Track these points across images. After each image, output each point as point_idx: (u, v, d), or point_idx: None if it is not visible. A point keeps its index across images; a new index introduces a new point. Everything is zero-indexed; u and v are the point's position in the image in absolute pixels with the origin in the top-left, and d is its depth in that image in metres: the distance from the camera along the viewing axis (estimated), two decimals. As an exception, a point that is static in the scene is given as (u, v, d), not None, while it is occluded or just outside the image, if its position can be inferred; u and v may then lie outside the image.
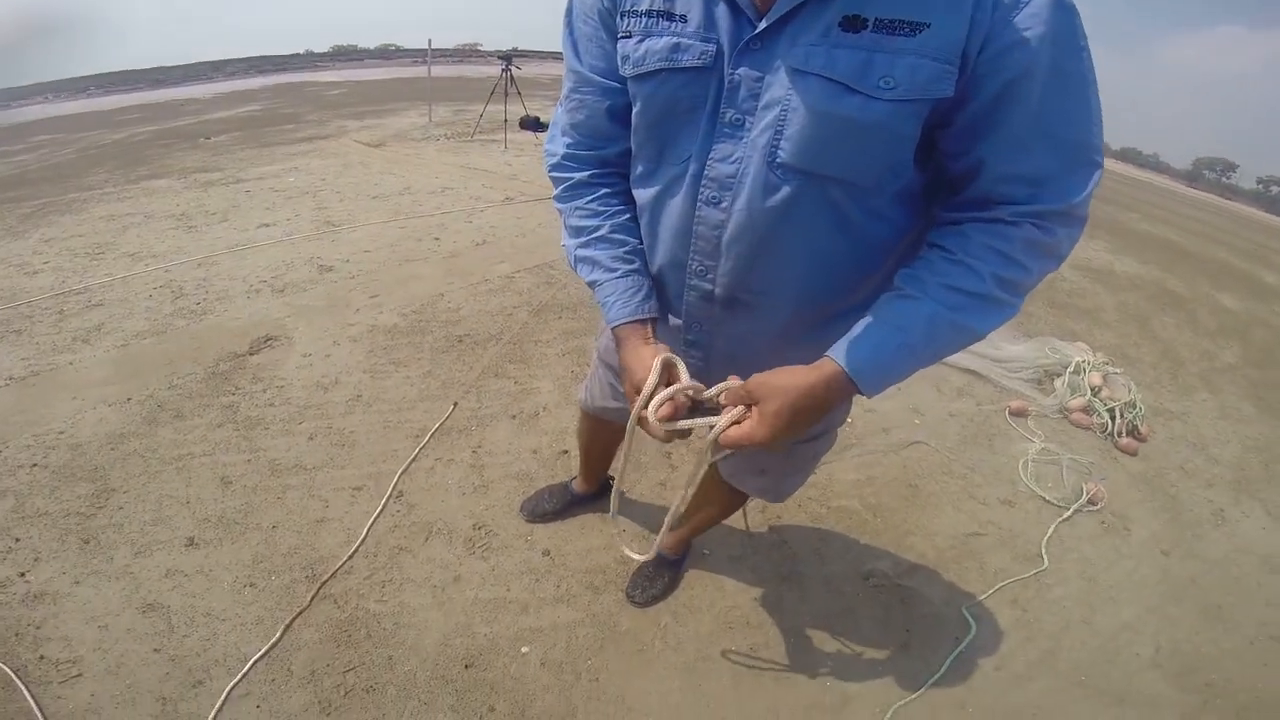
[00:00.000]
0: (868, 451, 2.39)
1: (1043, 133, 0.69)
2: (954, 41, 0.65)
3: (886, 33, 0.66)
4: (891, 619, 1.74)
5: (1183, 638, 1.81)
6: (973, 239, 0.73)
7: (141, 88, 18.21)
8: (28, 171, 6.48)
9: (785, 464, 1.24)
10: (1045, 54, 0.65)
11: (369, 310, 2.99)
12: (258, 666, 1.44)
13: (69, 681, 1.39)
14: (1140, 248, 6.79)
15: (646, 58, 0.79)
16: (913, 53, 0.66)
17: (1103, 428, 2.74)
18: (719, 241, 0.84)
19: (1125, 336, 3.99)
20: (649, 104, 0.83)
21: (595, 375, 1.39)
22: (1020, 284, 0.74)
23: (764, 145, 0.75)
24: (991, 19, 0.64)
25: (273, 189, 4.88)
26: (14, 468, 1.96)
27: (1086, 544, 2.11)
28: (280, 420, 2.22)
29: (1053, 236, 0.72)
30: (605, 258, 0.93)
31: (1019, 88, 0.67)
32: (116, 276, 3.24)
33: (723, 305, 0.91)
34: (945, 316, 0.73)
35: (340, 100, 11.44)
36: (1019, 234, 0.72)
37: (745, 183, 0.78)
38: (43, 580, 1.61)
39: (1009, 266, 0.72)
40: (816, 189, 0.76)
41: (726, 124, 0.77)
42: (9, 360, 2.49)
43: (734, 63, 0.74)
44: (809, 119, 0.71)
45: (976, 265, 0.72)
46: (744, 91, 0.75)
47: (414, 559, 1.74)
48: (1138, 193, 14.14)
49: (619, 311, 0.91)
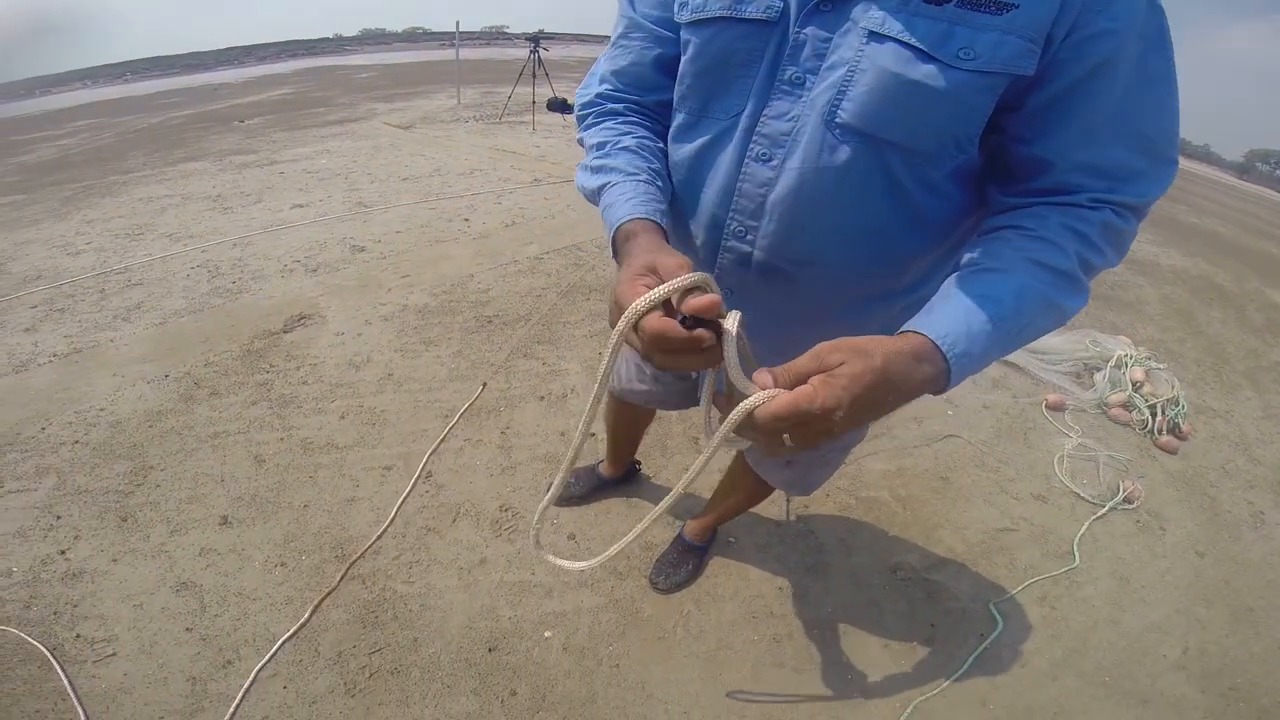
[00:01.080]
0: (898, 442, 2.35)
1: (1125, 126, 0.67)
2: (1042, 21, 0.63)
3: (971, 8, 0.64)
4: (917, 613, 1.72)
5: (1211, 640, 1.76)
6: (1050, 219, 0.69)
7: (176, 72, 18.55)
8: (69, 155, 6.65)
9: (813, 456, 1.20)
10: (1133, 47, 0.64)
11: (400, 290, 3.02)
12: (286, 647, 1.47)
13: (103, 661, 1.43)
14: (1186, 240, 6.55)
15: (707, 4, 0.77)
16: (998, 29, 0.63)
17: (1142, 424, 2.65)
18: (764, 200, 0.80)
19: (1169, 331, 3.85)
20: (702, 51, 0.80)
21: (622, 358, 1.37)
22: (1096, 269, 0.70)
23: (824, 104, 0.72)
24: (1082, 3, 0.62)
25: (306, 171, 4.95)
26: (56, 444, 2.02)
27: (1120, 542, 2.06)
28: (313, 399, 2.26)
29: (1129, 225, 0.70)
30: (624, 163, 0.84)
31: (1103, 77, 0.65)
32: (155, 256, 3.32)
33: (760, 271, 0.86)
34: (1036, 290, 0.65)
35: (370, 83, 11.52)
36: (1098, 218, 0.68)
37: (800, 141, 0.75)
38: (82, 558, 1.66)
39: (1089, 249, 0.68)
40: (874, 153, 0.72)
41: (786, 81, 0.74)
42: (53, 338, 2.56)
43: (801, 21, 0.72)
44: (878, 80, 0.68)
45: (1061, 243, 0.67)
46: (808, 50, 0.72)
47: (441, 540, 1.76)
48: (1186, 184, 13.61)
49: (630, 208, 0.77)
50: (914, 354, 0.59)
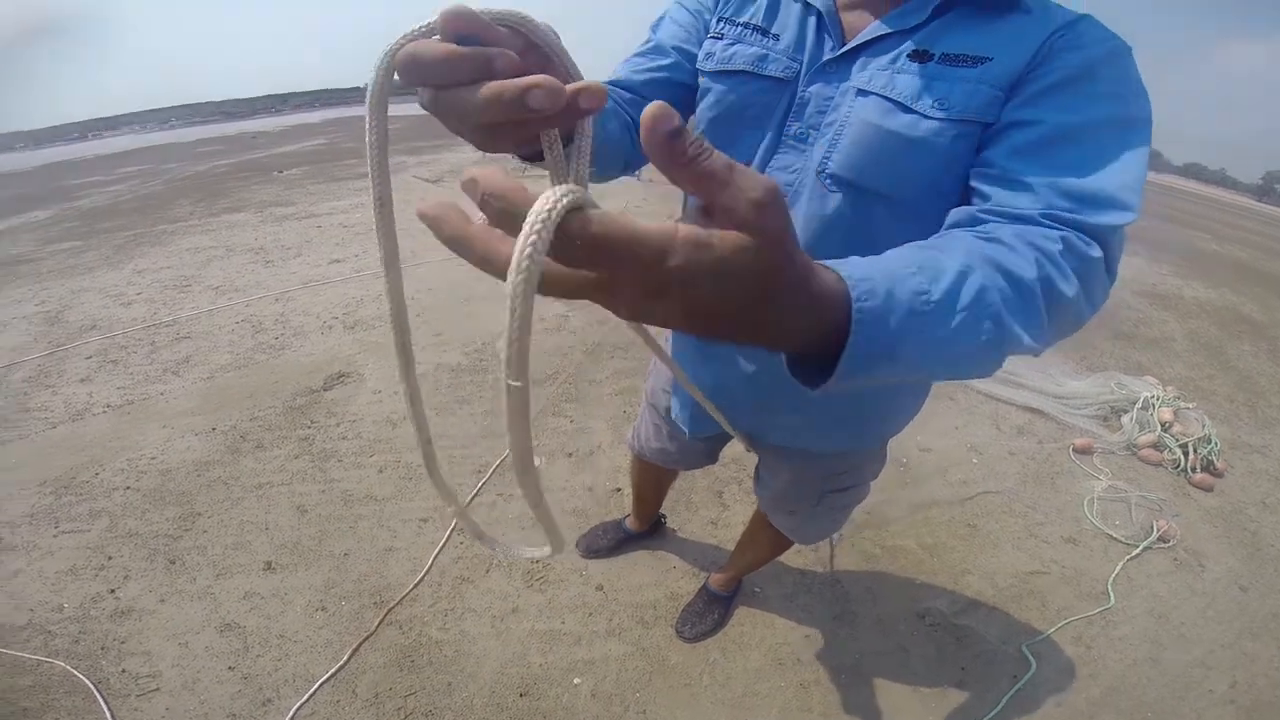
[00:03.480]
0: (924, 493, 2.36)
1: (1081, 160, 0.62)
2: (1014, 71, 0.67)
3: (949, 64, 0.70)
4: (946, 657, 1.71)
5: (1261, 673, 1.73)
6: (1004, 229, 0.57)
7: (217, 120, 19.53)
8: (120, 202, 7.01)
9: (815, 510, 1.24)
10: (1095, 77, 0.65)
11: (433, 349, 3.13)
12: (324, 688, 1.52)
13: (146, 695, 1.49)
14: (1209, 270, 6.46)
15: (734, 58, 0.83)
16: (972, 80, 0.69)
17: (1174, 464, 2.62)
18: None
19: (1197, 368, 3.80)
20: (720, 100, 0.86)
21: (642, 417, 1.43)
22: (1062, 300, 0.53)
23: (818, 158, 0.78)
24: (1050, 46, 0.66)
25: (341, 225, 5.17)
26: (109, 489, 2.13)
27: (1157, 581, 2.03)
28: (352, 453, 2.35)
29: (1095, 252, 0.57)
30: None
31: (1061, 116, 0.64)
32: (202, 310, 3.49)
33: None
34: (989, 292, 0.46)
35: (397, 135, 11.95)
36: (1058, 234, 0.56)
37: (800, 192, 0.81)
38: (131, 597, 1.74)
39: (1053, 266, 0.53)
40: (860, 203, 0.77)
41: (792, 136, 0.80)
42: (107, 389, 2.70)
43: (808, 80, 0.78)
44: (860, 132, 0.74)
45: (1024, 252, 0.52)
46: (812, 107, 0.78)
47: (475, 590, 1.81)
48: (1204, 210, 13.46)
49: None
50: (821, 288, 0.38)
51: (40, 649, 1.59)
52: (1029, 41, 0.68)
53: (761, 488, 1.31)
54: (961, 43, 0.70)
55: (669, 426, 1.32)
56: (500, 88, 0.34)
